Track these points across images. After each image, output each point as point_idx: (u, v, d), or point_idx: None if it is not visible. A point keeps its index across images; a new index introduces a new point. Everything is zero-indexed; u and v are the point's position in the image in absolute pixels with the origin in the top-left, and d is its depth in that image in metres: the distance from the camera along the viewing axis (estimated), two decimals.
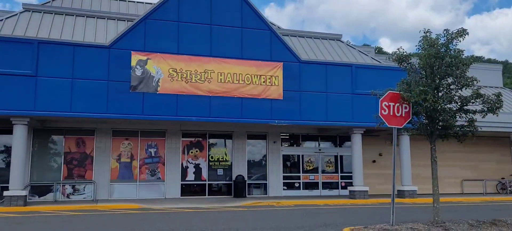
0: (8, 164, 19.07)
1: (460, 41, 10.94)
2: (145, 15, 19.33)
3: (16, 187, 17.21)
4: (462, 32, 10.82)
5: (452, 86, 11.09)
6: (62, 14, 20.86)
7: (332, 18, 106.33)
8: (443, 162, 25.68)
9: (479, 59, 47.85)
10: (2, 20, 19.30)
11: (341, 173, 24.79)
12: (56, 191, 20.12)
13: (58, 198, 20.04)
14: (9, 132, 18.07)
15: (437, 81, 11.03)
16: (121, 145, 21.48)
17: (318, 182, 24.35)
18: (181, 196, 21.78)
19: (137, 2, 26.55)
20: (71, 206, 17.28)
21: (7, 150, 19.78)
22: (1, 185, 18.86)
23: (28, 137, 18.63)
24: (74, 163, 20.78)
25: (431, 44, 10.90)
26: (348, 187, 22.84)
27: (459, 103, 11.16)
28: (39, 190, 20.10)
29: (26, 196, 17.67)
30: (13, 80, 17.15)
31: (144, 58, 18.90)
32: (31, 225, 11.90)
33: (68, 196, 20.38)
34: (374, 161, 25.36)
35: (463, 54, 10.93)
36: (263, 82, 20.26)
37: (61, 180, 20.38)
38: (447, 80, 11.10)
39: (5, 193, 17.19)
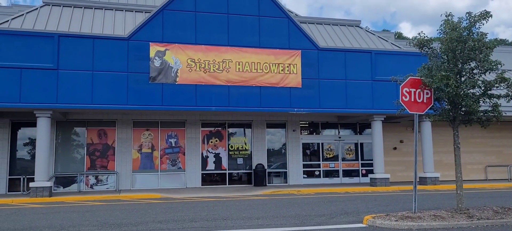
0: (33, 156, 19.53)
1: (483, 24, 10.65)
2: (163, 6, 19.40)
3: (41, 178, 17.63)
4: (485, 15, 10.52)
5: (475, 71, 10.82)
6: (81, 7, 21.10)
7: (351, 4, 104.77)
8: (466, 148, 25.29)
9: (503, 42, 46.61)
10: (23, 14, 19.63)
11: (361, 160, 24.61)
12: (80, 181, 20.54)
13: (82, 188, 20.46)
14: (34, 124, 18.48)
15: (460, 66, 10.78)
16: (142, 136, 21.75)
17: (338, 170, 24.25)
18: (201, 185, 21.99)
19: None
20: (94, 197, 17.61)
21: (32, 142, 20.24)
22: (27, 176, 19.34)
23: (51, 129, 19.01)
24: (96, 154, 21.15)
25: (453, 28, 10.64)
26: (369, 175, 22.67)
27: (482, 88, 10.90)
28: (63, 181, 20.57)
29: (51, 187, 18.09)
30: (35, 73, 17.49)
31: (163, 49, 19.00)
32: (57, 215, 12.19)
33: (91, 187, 20.79)
34: (395, 148, 25.09)
35: (486, 38, 10.65)
36: (282, 70, 20.17)
37: (85, 171, 20.79)
38: (470, 64, 10.83)
39: (31, 184, 17.62)
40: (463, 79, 10.84)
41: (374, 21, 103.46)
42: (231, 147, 22.95)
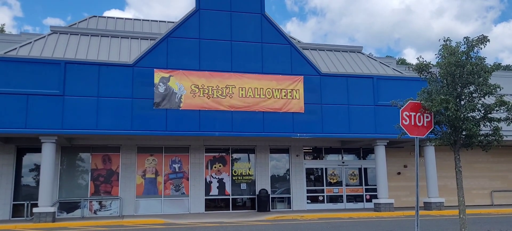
0: (38, 182, 19.58)
1: (481, 49, 10.77)
2: (167, 33, 19.78)
3: (45, 204, 17.69)
4: (483, 39, 10.66)
5: (474, 95, 10.90)
6: (88, 35, 21.53)
7: (355, 31, 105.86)
8: (471, 172, 25.17)
9: (502, 67, 46.77)
10: (31, 42, 20.03)
11: (365, 185, 24.51)
12: (84, 207, 20.56)
13: (85, 214, 20.45)
14: (39, 150, 18.61)
15: (459, 89, 10.87)
16: (145, 161, 21.85)
17: (342, 195, 24.13)
18: (205, 210, 21.93)
19: (159, 21, 27.20)
20: (97, 222, 17.61)
21: (37, 168, 20.34)
22: (31, 202, 19.39)
23: (56, 155, 19.16)
24: (100, 179, 21.22)
25: (451, 53, 10.77)
26: (373, 200, 22.53)
27: (482, 112, 10.96)
28: (67, 206, 20.59)
29: (54, 212, 18.13)
30: (41, 100, 17.75)
31: (167, 75, 19.28)
32: None
33: (95, 212, 20.78)
34: (399, 173, 24.99)
35: (484, 62, 10.77)
36: (284, 96, 20.35)
37: (88, 196, 20.84)
38: (469, 88, 10.93)
39: (35, 209, 17.67)
40: (462, 102, 10.91)
41: (378, 48, 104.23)
42: (235, 172, 22.97)
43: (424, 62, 11.29)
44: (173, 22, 25.56)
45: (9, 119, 17.35)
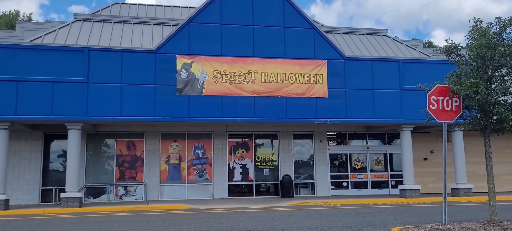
0: (65, 168, 19.98)
1: None
2: (189, 19, 19.68)
3: (72, 189, 18.04)
4: None
5: (506, 77, 10.47)
6: (111, 22, 21.66)
7: (382, 13, 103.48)
8: (501, 158, 24.42)
9: None
10: (55, 30, 20.30)
11: (391, 171, 24.10)
12: (109, 192, 20.91)
13: (111, 199, 20.81)
14: (66, 137, 18.88)
15: (490, 72, 10.46)
16: (169, 147, 22.00)
17: (367, 181, 23.80)
18: (228, 196, 22.00)
19: (181, 7, 27.17)
20: (123, 207, 17.87)
21: (65, 154, 20.73)
22: (59, 187, 19.82)
23: (82, 141, 19.48)
24: (125, 165, 21.50)
25: (482, 34, 10.33)
26: (398, 186, 22.14)
27: None
28: (93, 191, 20.97)
29: (81, 197, 18.48)
30: (66, 87, 17.98)
31: (189, 61, 19.25)
32: (85, 225, 12.41)
33: (120, 198, 21.11)
34: (425, 159, 24.46)
35: None
36: (307, 81, 20.06)
37: (114, 182, 21.16)
38: (500, 71, 10.49)
39: (62, 195, 18.05)
40: (493, 86, 10.49)
41: (406, 30, 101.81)
42: (258, 158, 22.91)
43: (453, 45, 10.87)
44: (195, 8, 25.45)
45: (35, 106, 17.65)
